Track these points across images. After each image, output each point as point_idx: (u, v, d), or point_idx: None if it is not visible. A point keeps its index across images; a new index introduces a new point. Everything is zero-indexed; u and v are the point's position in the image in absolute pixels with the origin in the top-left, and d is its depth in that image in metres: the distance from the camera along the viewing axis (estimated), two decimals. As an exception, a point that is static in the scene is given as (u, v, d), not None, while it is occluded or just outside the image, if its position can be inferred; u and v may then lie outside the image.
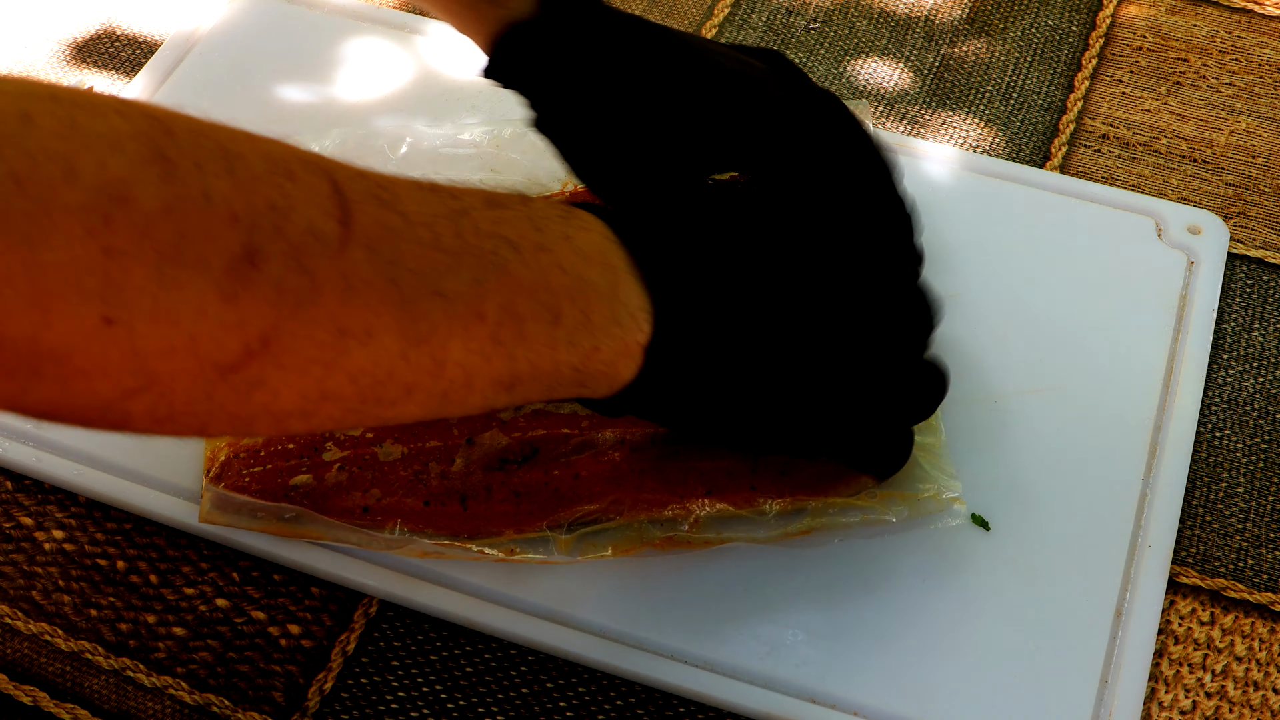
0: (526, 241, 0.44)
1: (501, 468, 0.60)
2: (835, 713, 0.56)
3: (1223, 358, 0.69)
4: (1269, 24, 0.84)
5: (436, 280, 0.41)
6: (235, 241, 0.36)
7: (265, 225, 0.37)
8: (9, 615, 0.60)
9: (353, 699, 0.58)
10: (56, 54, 0.82)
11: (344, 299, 0.39)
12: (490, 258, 0.43)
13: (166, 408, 0.37)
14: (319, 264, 0.38)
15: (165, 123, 0.36)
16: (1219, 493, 0.65)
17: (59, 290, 0.33)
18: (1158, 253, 0.71)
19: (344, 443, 0.61)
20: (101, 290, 0.34)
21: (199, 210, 0.35)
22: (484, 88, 0.78)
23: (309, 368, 0.39)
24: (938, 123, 0.79)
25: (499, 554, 0.59)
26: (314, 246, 0.38)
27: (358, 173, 0.41)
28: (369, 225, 0.40)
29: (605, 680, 0.59)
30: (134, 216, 0.34)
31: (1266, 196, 0.76)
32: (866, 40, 0.83)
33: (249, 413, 0.39)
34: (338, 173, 0.40)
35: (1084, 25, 0.84)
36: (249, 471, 0.60)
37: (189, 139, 0.36)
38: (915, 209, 0.60)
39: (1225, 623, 0.61)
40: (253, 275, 0.36)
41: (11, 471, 0.64)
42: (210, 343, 0.36)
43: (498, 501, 0.60)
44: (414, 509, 0.60)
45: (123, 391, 0.36)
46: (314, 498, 0.60)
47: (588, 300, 0.46)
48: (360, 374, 0.40)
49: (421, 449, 0.61)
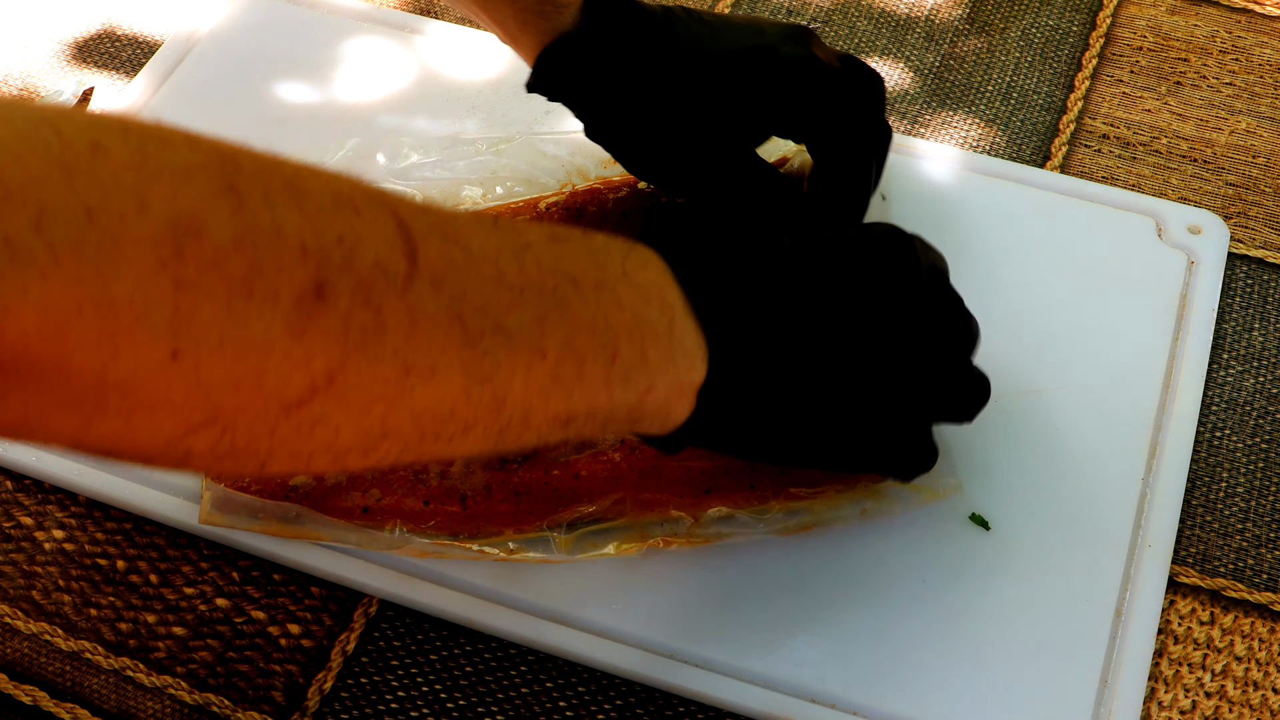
0: (587, 278, 0.44)
1: (501, 467, 0.60)
2: (835, 713, 0.56)
3: (1223, 357, 0.69)
4: (1269, 24, 0.84)
5: (501, 316, 0.41)
6: (305, 275, 0.36)
7: (335, 259, 0.36)
8: (9, 615, 0.60)
9: (352, 698, 0.58)
10: (56, 54, 0.82)
11: (409, 335, 0.38)
12: (552, 294, 0.43)
13: (229, 444, 0.37)
14: (386, 299, 0.38)
15: (234, 156, 0.36)
16: (1219, 492, 0.65)
17: (128, 324, 0.33)
18: (1158, 253, 0.71)
19: None
20: (170, 323, 0.33)
21: (270, 243, 0.35)
22: (484, 88, 0.78)
23: (373, 405, 0.39)
24: (938, 122, 0.79)
25: (499, 554, 0.59)
26: (381, 282, 0.37)
27: (421, 208, 0.41)
28: (434, 260, 0.39)
29: (605, 680, 0.59)
30: (205, 249, 0.34)
31: (1267, 196, 0.76)
32: (867, 40, 0.83)
33: (310, 449, 0.39)
34: (401, 208, 0.40)
35: (1084, 25, 0.84)
36: None
37: (257, 171, 0.36)
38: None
39: (1225, 622, 0.61)
40: (321, 310, 0.36)
41: (12, 471, 0.64)
42: (276, 378, 0.36)
43: (498, 501, 0.60)
44: (414, 509, 0.60)
45: (187, 427, 0.36)
46: (314, 498, 0.60)
47: (644, 339, 0.46)
48: (423, 412, 0.40)
49: None
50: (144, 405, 0.35)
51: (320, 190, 0.37)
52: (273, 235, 0.35)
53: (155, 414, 0.35)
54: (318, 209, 0.37)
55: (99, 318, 0.32)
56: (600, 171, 0.69)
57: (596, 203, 0.68)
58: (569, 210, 0.68)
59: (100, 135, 0.33)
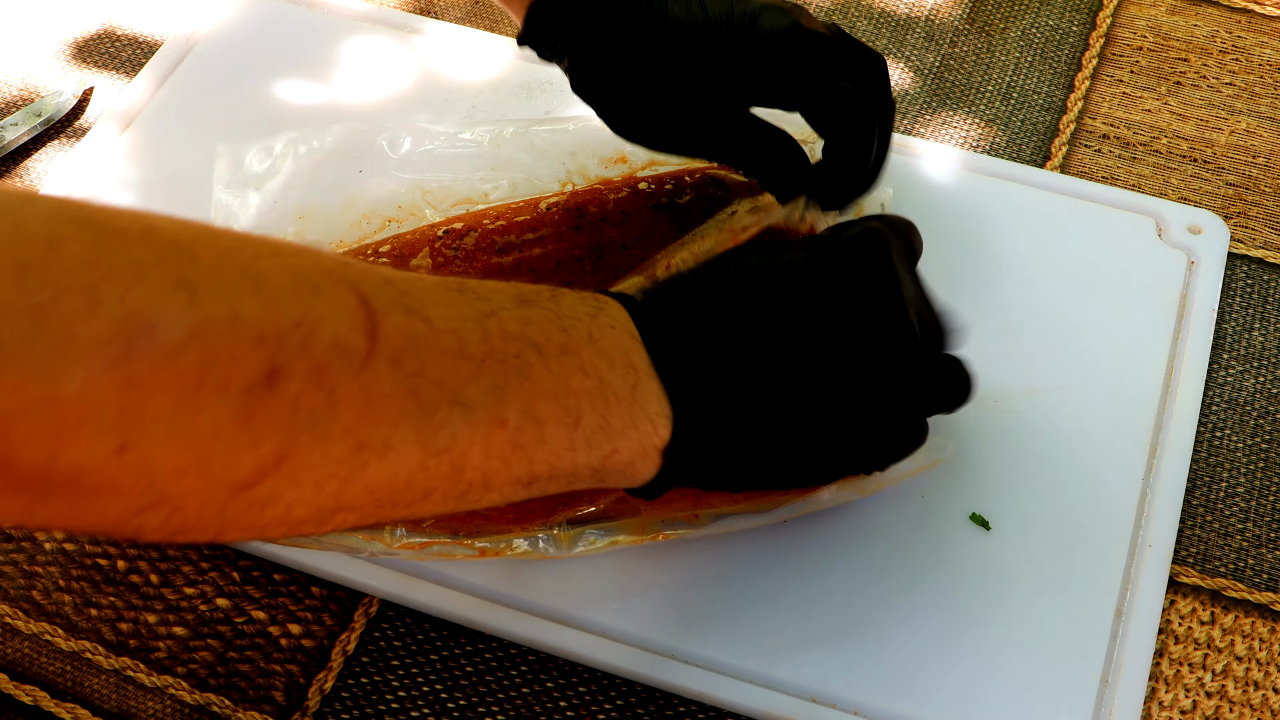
0: (551, 344, 0.45)
1: None
2: (835, 712, 0.56)
3: (1223, 357, 0.69)
4: (1269, 24, 0.84)
5: (459, 389, 0.41)
6: (259, 363, 0.36)
7: (291, 344, 0.37)
8: (9, 615, 0.60)
9: (353, 698, 0.58)
10: (56, 54, 0.82)
11: (363, 414, 0.39)
12: (514, 362, 0.43)
13: (179, 522, 0.37)
14: (340, 380, 0.38)
15: (190, 247, 0.36)
16: (1219, 492, 0.65)
17: (74, 421, 0.33)
18: (1158, 252, 0.71)
19: None
20: (118, 420, 0.34)
21: (224, 334, 0.35)
22: (484, 88, 0.78)
23: (325, 483, 0.39)
24: (938, 122, 0.79)
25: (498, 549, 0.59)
26: (337, 363, 0.38)
27: (385, 279, 0.41)
28: (393, 335, 0.40)
29: (605, 680, 0.59)
30: (157, 347, 0.34)
31: (1267, 196, 0.76)
32: (867, 40, 0.83)
33: (262, 523, 0.39)
34: (364, 282, 0.40)
35: (1084, 25, 0.84)
36: None
37: (214, 260, 0.36)
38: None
39: (1225, 622, 0.61)
40: (270, 396, 0.36)
41: (12, 471, 0.64)
42: (224, 463, 0.36)
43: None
44: None
45: (135, 509, 0.36)
46: None
47: (608, 404, 0.46)
48: (378, 485, 0.40)
49: None
50: (90, 492, 0.35)
51: (280, 271, 0.38)
52: (228, 326, 0.35)
53: (102, 498, 0.35)
54: (276, 293, 0.37)
55: (45, 416, 0.32)
56: (600, 171, 0.69)
57: (597, 203, 0.68)
58: (569, 210, 0.68)
59: (59, 229, 0.33)
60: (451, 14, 0.84)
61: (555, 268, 0.67)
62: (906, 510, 0.62)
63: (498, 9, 0.85)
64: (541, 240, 0.67)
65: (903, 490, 0.62)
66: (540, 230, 0.67)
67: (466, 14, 0.85)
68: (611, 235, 0.67)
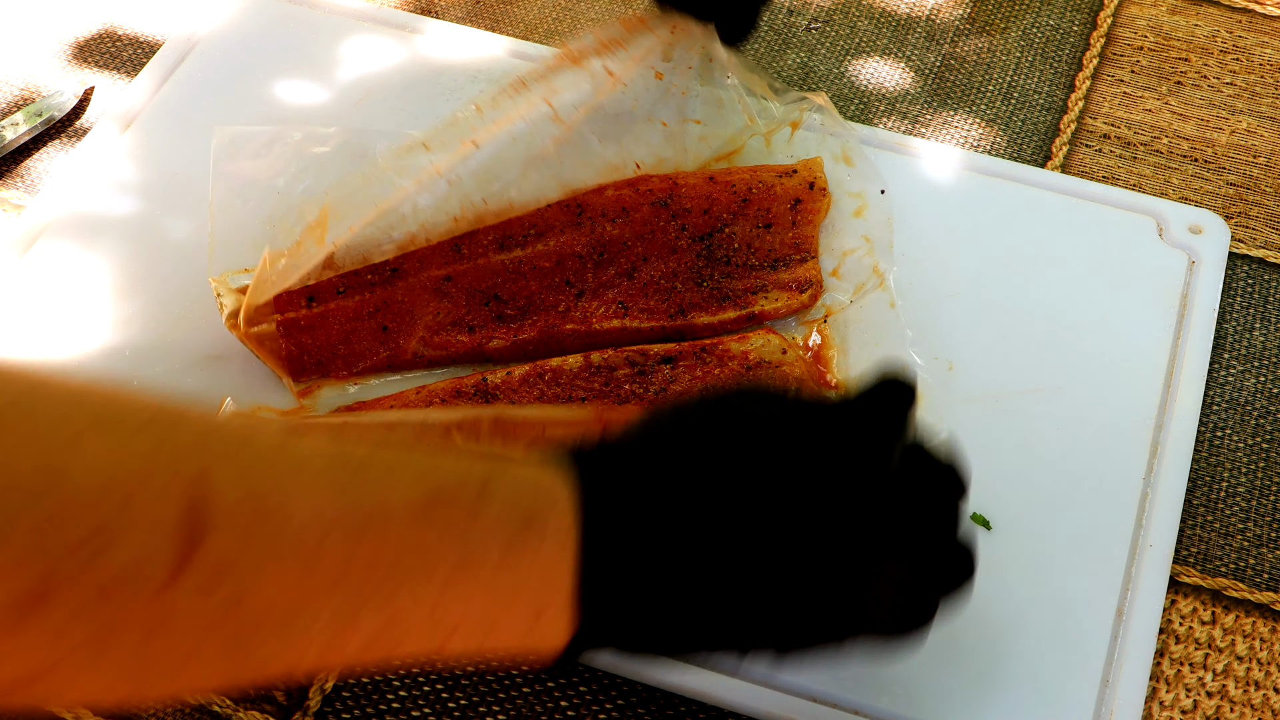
0: (438, 573, 0.39)
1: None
2: (835, 712, 0.56)
3: (1224, 357, 0.69)
4: (1270, 24, 0.84)
5: (290, 616, 0.36)
6: (26, 582, 0.32)
7: (67, 567, 0.32)
8: (9, 615, 0.60)
9: (354, 698, 0.58)
10: (56, 54, 0.82)
11: (147, 640, 0.34)
12: (378, 588, 0.37)
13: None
14: (127, 606, 0.33)
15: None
16: (1220, 492, 0.65)
17: None
18: (1159, 252, 0.71)
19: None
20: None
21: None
22: (483, 88, 0.78)
23: (109, 690, 0.36)
24: (939, 122, 0.79)
25: None
26: (125, 590, 0.33)
27: (254, 460, 0.36)
28: (219, 553, 0.34)
29: (606, 679, 0.59)
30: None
31: (1267, 196, 0.76)
32: (867, 40, 0.83)
33: (52, 707, 0.37)
34: (215, 472, 0.35)
35: (1085, 25, 0.84)
36: None
37: (12, 448, 0.33)
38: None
39: (1226, 622, 0.61)
40: (36, 615, 0.32)
41: (12, 471, 0.64)
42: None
43: None
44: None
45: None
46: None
47: (495, 627, 0.41)
48: (166, 696, 0.38)
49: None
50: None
51: (93, 466, 0.33)
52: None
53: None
54: (72, 499, 0.33)
55: None
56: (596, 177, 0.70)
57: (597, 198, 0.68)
58: (568, 207, 0.68)
59: None
60: (452, 14, 0.84)
61: (556, 264, 0.67)
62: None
63: (498, 9, 0.85)
64: (543, 236, 0.67)
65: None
66: (540, 226, 0.67)
67: (467, 14, 0.85)
68: (612, 232, 0.67)
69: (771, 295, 0.67)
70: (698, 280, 0.67)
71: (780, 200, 0.70)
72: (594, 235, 0.67)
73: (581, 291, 0.66)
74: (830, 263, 0.70)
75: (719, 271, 0.67)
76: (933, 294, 0.69)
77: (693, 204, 0.69)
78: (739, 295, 0.67)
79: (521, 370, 0.64)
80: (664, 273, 0.67)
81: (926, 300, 0.69)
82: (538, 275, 0.66)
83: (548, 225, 0.67)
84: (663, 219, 0.68)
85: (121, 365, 0.66)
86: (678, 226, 0.68)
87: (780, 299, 0.67)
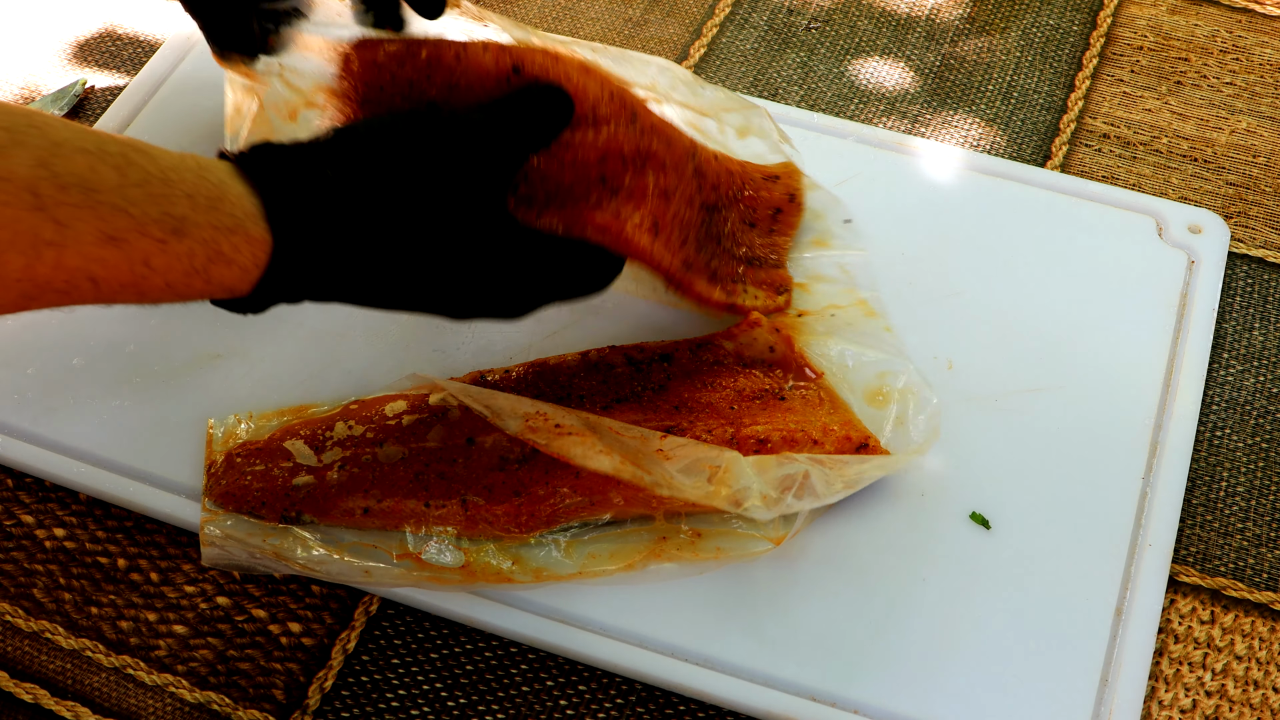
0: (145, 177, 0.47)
1: (502, 468, 0.60)
2: (835, 711, 0.56)
3: (1223, 357, 0.69)
4: (1269, 23, 0.84)
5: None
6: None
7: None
8: (10, 613, 0.60)
9: (353, 697, 0.58)
10: (56, 54, 0.82)
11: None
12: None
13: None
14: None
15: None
16: (1219, 492, 0.65)
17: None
18: (1158, 252, 0.71)
19: (345, 442, 0.61)
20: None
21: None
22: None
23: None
24: (939, 122, 0.79)
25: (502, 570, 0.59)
26: None
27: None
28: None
29: (605, 678, 0.59)
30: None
31: (1267, 196, 0.76)
32: (867, 39, 0.83)
33: None
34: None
35: (1085, 25, 0.84)
36: (250, 470, 0.60)
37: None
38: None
39: (1225, 622, 0.61)
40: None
41: (13, 470, 0.65)
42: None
43: (498, 501, 0.60)
44: (414, 510, 0.60)
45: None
46: (314, 499, 0.60)
47: (194, 205, 0.48)
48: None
49: (422, 449, 0.61)
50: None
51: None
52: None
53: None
54: None
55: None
56: None
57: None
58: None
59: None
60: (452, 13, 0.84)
61: (600, 159, 0.64)
62: (906, 510, 0.62)
63: (498, 8, 0.85)
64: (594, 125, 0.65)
65: (903, 490, 0.62)
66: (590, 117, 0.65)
67: (467, 13, 0.85)
68: (654, 147, 0.63)
69: (751, 292, 0.67)
70: (698, 244, 0.66)
71: (764, 204, 0.70)
72: (641, 141, 0.64)
73: (616, 190, 0.62)
74: (800, 277, 0.69)
75: (710, 248, 0.67)
76: (933, 294, 0.69)
77: (708, 171, 0.67)
78: (724, 280, 0.66)
79: (519, 368, 0.64)
80: (686, 217, 0.64)
81: (926, 300, 0.69)
82: (574, 168, 0.62)
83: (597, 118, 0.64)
84: (689, 170, 0.66)
85: (122, 364, 0.66)
86: (696, 183, 0.66)
87: (760, 297, 0.67)
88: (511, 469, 0.60)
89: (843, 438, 0.61)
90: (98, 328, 0.67)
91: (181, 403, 0.65)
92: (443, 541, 0.59)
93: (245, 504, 0.60)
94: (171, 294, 0.49)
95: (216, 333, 0.67)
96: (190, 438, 0.64)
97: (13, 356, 0.67)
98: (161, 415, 0.65)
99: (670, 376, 0.64)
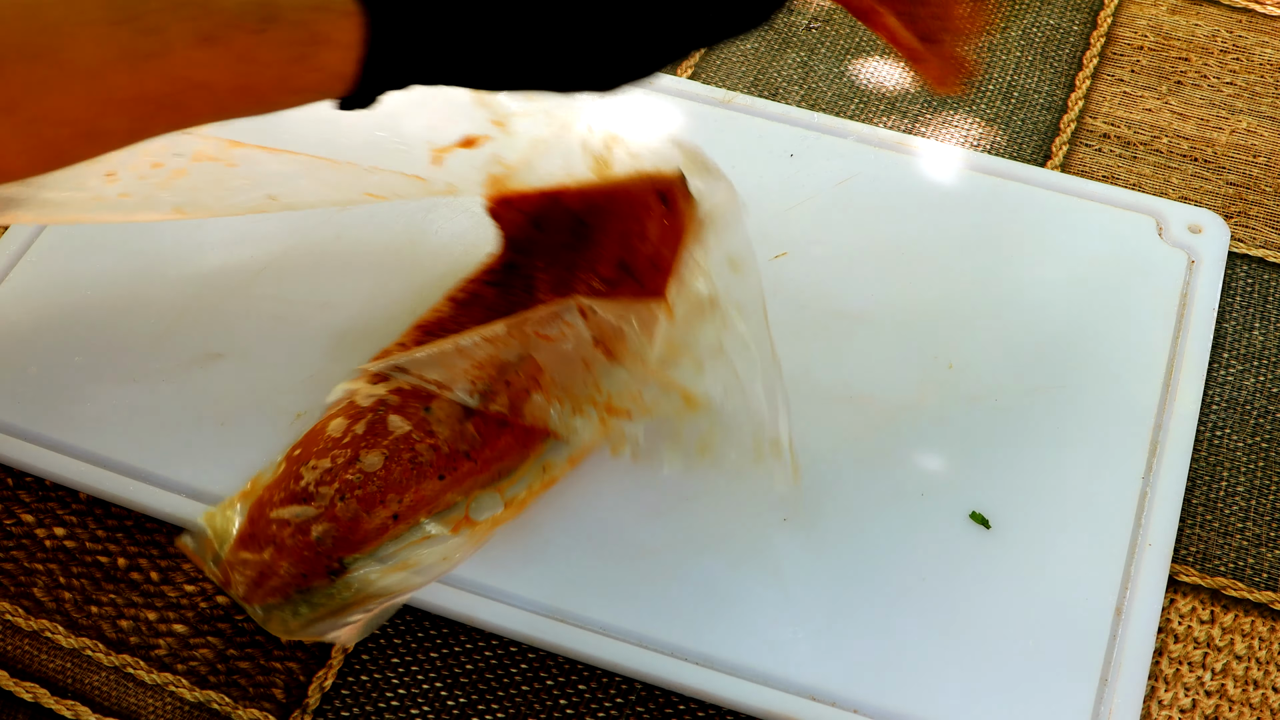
0: (216, 100, 0.46)
1: (470, 417, 0.60)
2: (835, 711, 0.56)
3: (1223, 357, 0.69)
4: (1270, 23, 0.84)
5: (88, 134, 0.45)
6: None
7: None
8: (10, 612, 0.60)
9: (353, 696, 0.58)
10: (58, 52, 0.82)
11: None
12: (162, 114, 0.45)
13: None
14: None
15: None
16: (1219, 491, 0.65)
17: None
18: (1158, 252, 0.71)
19: (325, 479, 0.58)
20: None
21: None
22: (485, 86, 0.78)
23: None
24: (939, 121, 0.79)
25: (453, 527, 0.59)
26: None
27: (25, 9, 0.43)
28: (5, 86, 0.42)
29: (605, 678, 0.59)
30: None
31: (1267, 196, 0.76)
32: (868, 39, 0.83)
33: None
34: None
35: (1085, 24, 0.84)
36: (264, 555, 0.57)
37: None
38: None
39: (1225, 621, 0.61)
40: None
41: (12, 468, 0.65)
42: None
43: (492, 440, 0.59)
44: (434, 490, 0.59)
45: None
46: (343, 538, 0.57)
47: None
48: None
49: (396, 440, 0.59)
50: None
51: None
52: None
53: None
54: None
55: None
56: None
57: None
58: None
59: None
60: (452, 13, 0.84)
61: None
62: (906, 510, 0.62)
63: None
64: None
65: (903, 490, 0.62)
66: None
67: (467, 13, 0.84)
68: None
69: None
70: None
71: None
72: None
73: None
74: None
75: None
76: (932, 294, 0.69)
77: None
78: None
79: (406, 335, 0.64)
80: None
81: (926, 300, 0.69)
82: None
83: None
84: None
85: (122, 363, 0.66)
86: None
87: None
88: (478, 412, 0.60)
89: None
90: (98, 327, 0.67)
91: (181, 403, 0.65)
92: (478, 501, 0.59)
93: (291, 585, 0.57)
94: (287, 91, 0.47)
95: (216, 333, 0.67)
96: (190, 437, 0.64)
97: (13, 356, 0.67)
98: (161, 415, 0.65)
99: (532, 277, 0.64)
